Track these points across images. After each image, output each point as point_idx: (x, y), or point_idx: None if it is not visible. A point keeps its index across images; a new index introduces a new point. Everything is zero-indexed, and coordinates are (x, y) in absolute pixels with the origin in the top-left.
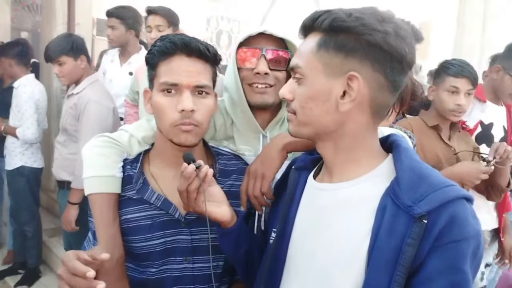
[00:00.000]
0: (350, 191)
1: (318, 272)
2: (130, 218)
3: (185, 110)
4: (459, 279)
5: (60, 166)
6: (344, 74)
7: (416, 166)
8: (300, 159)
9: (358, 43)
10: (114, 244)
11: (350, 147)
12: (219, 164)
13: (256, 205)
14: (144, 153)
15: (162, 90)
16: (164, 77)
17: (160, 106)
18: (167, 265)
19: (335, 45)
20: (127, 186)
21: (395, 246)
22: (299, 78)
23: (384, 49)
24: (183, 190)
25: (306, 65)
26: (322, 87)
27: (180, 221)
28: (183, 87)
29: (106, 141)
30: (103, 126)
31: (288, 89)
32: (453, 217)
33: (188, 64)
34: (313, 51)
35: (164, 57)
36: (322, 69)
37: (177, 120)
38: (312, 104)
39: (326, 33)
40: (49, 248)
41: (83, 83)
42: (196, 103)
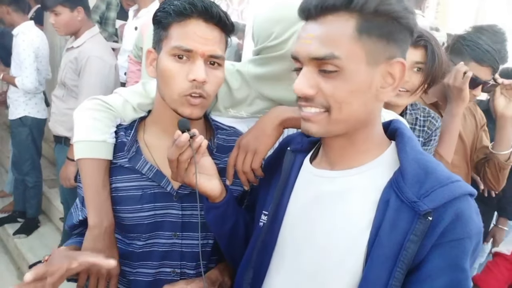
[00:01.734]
0: (353, 179)
1: (311, 260)
2: (120, 187)
3: (197, 80)
4: (460, 277)
5: (57, 121)
6: (384, 61)
7: (421, 158)
8: (296, 141)
9: (399, 26)
10: (103, 212)
11: (365, 138)
12: (218, 139)
13: (243, 180)
14: (140, 120)
15: (173, 54)
16: (177, 41)
17: (168, 71)
18: (155, 239)
19: (379, 30)
20: (119, 153)
21: (396, 241)
22: (333, 71)
23: (413, 32)
24: (173, 159)
25: (346, 55)
26: (365, 77)
27: (172, 195)
28: (197, 54)
29: (99, 104)
30: (105, 83)
31: (308, 83)
32: (458, 214)
33: (205, 30)
34: (353, 37)
35: (179, 19)
36: (365, 58)
37: (186, 90)
38: (353, 98)
39: (364, 16)
40: (48, 199)
41: (83, 36)
42: (208, 74)
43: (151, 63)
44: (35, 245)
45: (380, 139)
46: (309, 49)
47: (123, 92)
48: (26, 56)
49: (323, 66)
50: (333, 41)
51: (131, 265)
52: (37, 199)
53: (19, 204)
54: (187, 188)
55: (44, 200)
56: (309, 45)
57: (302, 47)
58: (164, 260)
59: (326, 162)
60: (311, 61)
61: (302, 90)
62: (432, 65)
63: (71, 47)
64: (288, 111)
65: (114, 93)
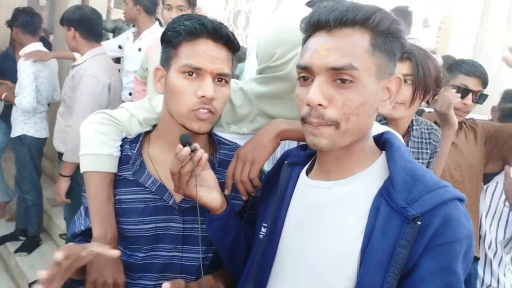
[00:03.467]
0: (344, 189)
1: (309, 269)
2: (123, 199)
3: (205, 97)
4: (452, 280)
5: (58, 137)
6: (386, 76)
7: (410, 166)
8: (293, 154)
9: (399, 45)
10: (107, 224)
11: (362, 148)
12: (220, 153)
13: (241, 190)
14: (145, 134)
15: (183, 72)
16: (187, 60)
17: (178, 88)
18: (156, 251)
19: (386, 47)
20: (124, 166)
21: (388, 247)
22: (349, 81)
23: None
24: (175, 172)
25: (362, 66)
26: (373, 90)
27: (174, 208)
28: (207, 72)
29: (105, 118)
30: (97, 101)
31: (322, 93)
32: (447, 218)
33: (213, 49)
34: (368, 51)
35: (190, 38)
36: (375, 72)
37: (195, 105)
38: (361, 109)
39: (377, 33)
40: (50, 217)
41: (85, 55)
42: (216, 90)
43: (159, 80)
44: (36, 263)
45: (372, 149)
46: (326, 59)
47: (129, 107)
48: (25, 76)
49: (340, 75)
50: (351, 53)
51: (131, 276)
52: (38, 217)
53: (21, 222)
54: (189, 201)
55: (45, 219)
56: (326, 56)
57: (317, 58)
58: (164, 272)
59: (320, 173)
60: (327, 71)
61: (319, 100)
62: (418, 76)
63: (74, 65)
64: (285, 123)
65: (120, 107)
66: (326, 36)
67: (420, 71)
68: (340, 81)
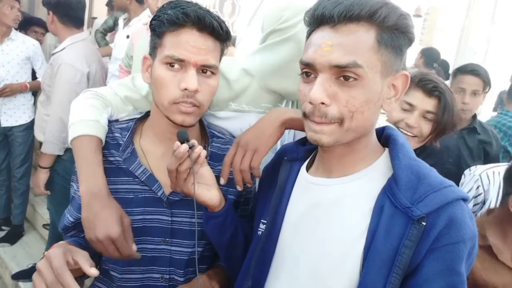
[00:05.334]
0: (347, 187)
1: (309, 268)
2: (111, 188)
3: (188, 90)
4: (456, 281)
5: (38, 126)
6: (392, 73)
7: (414, 164)
8: (291, 150)
9: (407, 41)
10: (94, 178)
11: (365, 145)
12: (212, 147)
13: (238, 180)
14: (136, 123)
15: (166, 63)
16: (170, 50)
17: (161, 79)
18: (143, 244)
19: (393, 43)
20: (114, 153)
21: (392, 247)
22: (353, 79)
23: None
24: (172, 170)
25: (367, 64)
26: (378, 88)
27: (162, 200)
28: (190, 64)
29: (91, 93)
30: (75, 91)
31: (326, 92)
32: (452, 219)
33: (198, 40)
34: (374, 48)
35: (173, 27)
36: (380, 69)
37: (177, 98)
38: (366, 107)
39: (384, 28)
40: (33, 206)
41: (64, 42)
42: (200, 82)
43: (147, 69)
44: (18, 253)
45: (375, 146)
46: (330, 57)
47: (113, 85)
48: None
49: (344, 73)
50: (355, 50)
51: (117, 270)
52: (25, 205)
53: (3, 211)
54: (178, 194)
55: (29, 208)
56: (330, 52)
57: (320, 55)
58: (152, 265)
59: (322, 170)
60: (330, 69)
61: (321, 99)
62: (442, 116)
63: (53, 52)
64: (290, 112)
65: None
66: (330, 32)
67: (446, 114)
68: (344, 79)
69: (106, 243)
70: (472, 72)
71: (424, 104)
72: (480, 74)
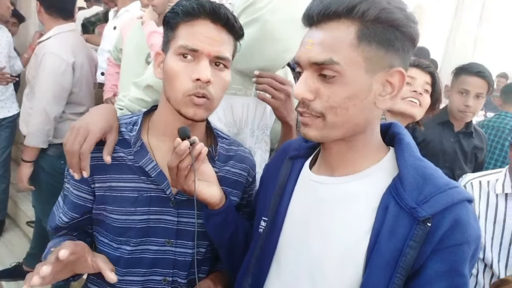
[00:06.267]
0: (352, 185)
1: (311, 267)
2: (115, 186)
3: (201, 80)
4: (459, 283)
5: (23, 120)
6: (384, 69)
7: (420, 165)
8: (294, 147)
9: (399, 35)
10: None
11: (364, 143)
12: (220, 147)
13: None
14: (143, 118)
15: (179, 54)
16: (183, 40)
17: (173, 71)
18: (146, 245)
19: (379, 38)
20: (120, 149)
21: (395, 247)
22: (332, 76)
23: (415, 41)
24: (173, 166)
25: (345, 61)
26: (362, 84)
27: (170, 199)
28: (203, 55)
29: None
30: (59, 82)
31: (307, 87)
32: (457, 220)
33: (212, 31)
34: (352, 44)
35: (187, 19)
36: (363, 65)
37: (190, 89)
38: (350, 103)
39: (365, 23)
40: (15, 203)
41: (51, 32)
42: (213, 75)
43: (159, 65)
44: (0, 252)
45: (378, 144)
46: (309, 54)
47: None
48: None
49: (323, 71)
50: (333, 47)
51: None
52: (6, 201)
53: None
54: (185, 194)
55: (10, 204)
56: (310, 50)
57: (303, 52)
58: (155, 267)
59: (325, 168)
60: (311, 66)
61: (302, 94)
62: (437, 92)
63: (39, 41)
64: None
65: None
66: (314, 30)
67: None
68: (323, 76)
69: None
70: (478, 74)
71: (423, 77)
72: (486, 77)
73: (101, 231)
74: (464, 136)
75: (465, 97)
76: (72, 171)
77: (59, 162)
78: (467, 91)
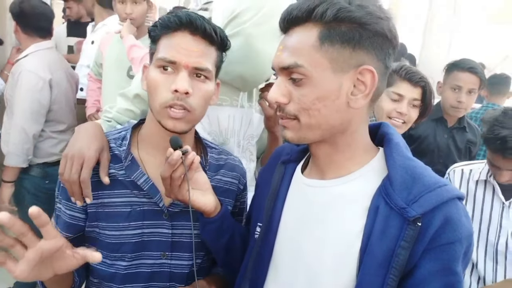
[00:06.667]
0: (342, 188)
1: (306, 270)
2: (107, 202)
3: (178, 91)
4: (453, 281)
5: (3, 140)
6: (353, 68)
7: (409, 164)
8: (285, 152)
9: (365, 32)
10: None
11: (349, 144)
12: (210, 157)
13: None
14: (132, 132)
15: (159, 66)
16: (162, 53)
17: (154, 82)
18: (141, 259)
19: (342, 38)
20: (110, 165)
21: (387, 248)
22: (300, 79)
23: (387, 37)
24: (166, 177)
25: (309, 63)
26: (331, 85)
27: (163, 212)
28: (181, 66)
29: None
30: (37, 99)
31: (280, 92)
32: (447, 219)
33: (190, 42)
34: (315, 46)
35: (166, 32)
36: (329, 65)
37: (168, 101)
38: (320, 104)
39: (326, 25)
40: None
41: (27, 50)
42: (193, 86)
43: (146, 77)
44: None
45: (366, 145)
46: (279, 59)
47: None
48: None
49: (291, 74)
50: (297, 51)
51: None
52: None
53: None
54: (178, 205)
55: None
56: (279, 56)
57: (275, 59)
58: (152, 281)
59: (316, 172)
60: (282, 71)
61: (276, 98)
62: (427, 104)
63: (16, 60)
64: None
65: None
66: (286, 36)
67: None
68: (293, 80)
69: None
70: (470, 70)
71: (411, 93)
72: (478, 73)
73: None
74: (458, 132)
75: (457, 93)
76: (74, 199)
77: (43, 182)
78: (460, 87)
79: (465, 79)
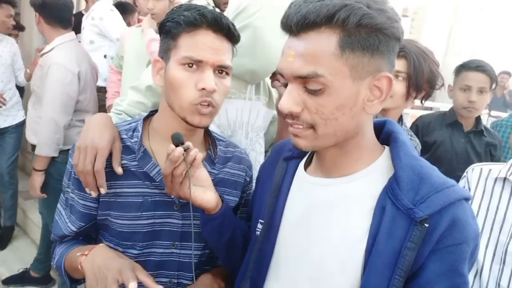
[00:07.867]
0: (348, 187)
1: (310, 270)
2: (119, 192)
3: (206, 89)
4: (459, 282)
5: (30, 129)
6: (370, 74)
7: (415, 164)
8: (287, 148)
9: (383, 38)
10: None
11: (357, 146)
12: (218, 150)
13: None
14: (143, 124)
15: (183, 64)
16: (187, 51)
17: (178, 80)
18: (152, 248)
19: (363, 45)
20: (122, 156)
21: (394, 249)
22: (317, 89)
23: (399, 39)
24: (168, 174)
25: (330, 72)
26: (350, 92)
27: (174, 203)
28: (207, 64)
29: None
30: (66, 92)
31: (293, 100)
32: (455, 220)
33: (214, 41)
34: (335, 54)
35: (189, 29)
36: (349, 73)
37: (196, 98)
38: (339, 113)
39: (346, 31)
40: (23, 210)
41: (53, 43)
42: (217, 83)
43: (158, 72)
44: (9, 258)
45: (372, 145)
46: (292, 67)
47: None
48: None
49: (307, 83)
50: (315, 59)
51: None
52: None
53: None
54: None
55: (19, 212)
56: (292, 63)
57: (285, 65)
58: (161, 270)
59: (320, 170)
60: (295, 79)
61: (289, 108)
62: (411, 75)
63: (42, 53)
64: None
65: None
66: (294, 40)
67: (414, 71)
68: (309, 88)
69: (89, 151)
70: (478, 68)
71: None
72: (487, 70)
73: (106, 235)
74: (475, 135)
75: (467, 93)
76: (89, 190)
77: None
78: (469, 87)
79: (474, 78)
